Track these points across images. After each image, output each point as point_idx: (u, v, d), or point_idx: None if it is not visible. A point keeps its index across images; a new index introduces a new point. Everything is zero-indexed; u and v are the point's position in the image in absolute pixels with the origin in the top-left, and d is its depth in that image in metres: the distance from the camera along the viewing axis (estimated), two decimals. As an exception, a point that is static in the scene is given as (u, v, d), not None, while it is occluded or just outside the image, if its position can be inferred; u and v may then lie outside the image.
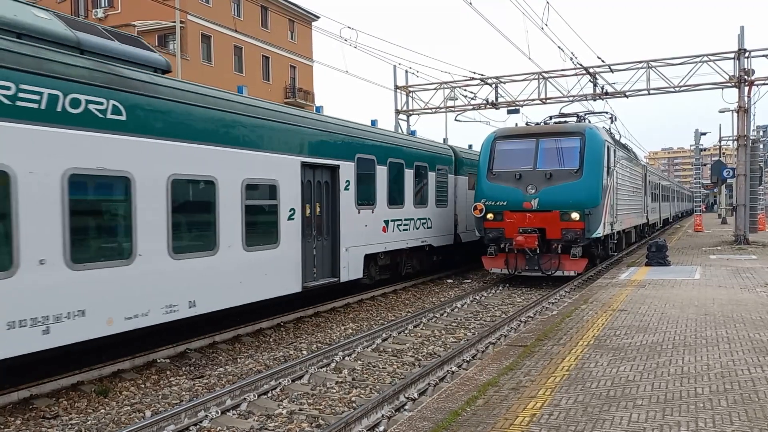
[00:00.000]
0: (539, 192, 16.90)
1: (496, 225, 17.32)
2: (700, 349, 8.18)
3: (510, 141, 18.10)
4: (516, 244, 16.74)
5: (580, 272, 17.13)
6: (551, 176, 16.95)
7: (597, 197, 16.78)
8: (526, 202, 17.00)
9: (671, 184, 54.28)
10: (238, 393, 8.04)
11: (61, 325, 7.76)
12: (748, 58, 23.68)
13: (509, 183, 17.34)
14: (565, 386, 6.70)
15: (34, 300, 7.47)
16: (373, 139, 15.65)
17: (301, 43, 50.66)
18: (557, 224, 16.65)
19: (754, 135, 28.75)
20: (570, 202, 16.59)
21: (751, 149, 25.17)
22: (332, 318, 13.54)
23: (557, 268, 16.86)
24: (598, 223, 16.71)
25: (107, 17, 39.97)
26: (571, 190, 16.68)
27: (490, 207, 17.39)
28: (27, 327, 7.39)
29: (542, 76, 25.95)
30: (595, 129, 17.81)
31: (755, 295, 12.48)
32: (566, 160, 17.14)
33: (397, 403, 7.64)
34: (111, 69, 8.64)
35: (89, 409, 7.85)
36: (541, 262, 16.96)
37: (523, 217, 16.98)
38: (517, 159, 17.64)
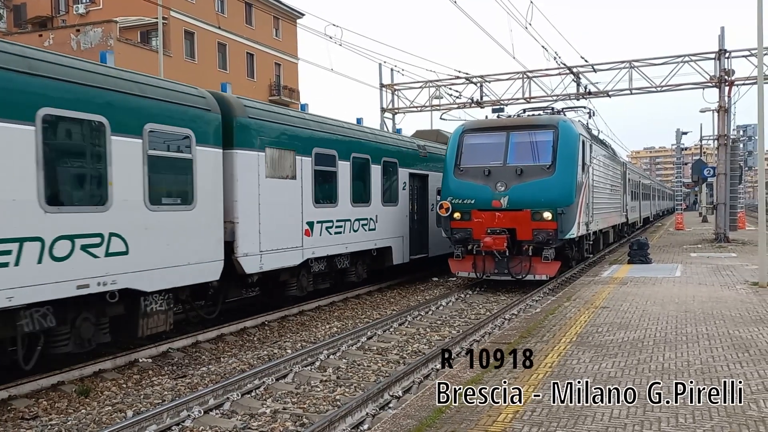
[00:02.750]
0: (509, 189, 15.69)
1: (463, 225, 16.14)
2: (681, 345, 8.27)
3: (479, 134, 16.89)
4: (484, 246, 15.50)
5: (552, 276, 15.93)
6: (522, 172, 15.72)
7: (570, 195, 15.66)
8: (495, 200, 15.79)
9: (652, 183, 53.79)
10: (222, 392, 8.00)
11: None
12: (728, 59, 23.97)
13: (477, 180, 16.09)
14: (548, 383, 6.74)
15: None
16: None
17: (286, 40, 50.47)
18: (528, 224, 15.51)
19: (734, 134, 29.11)
20: (541, 201, 15.43)
21: (731, 148, 25.48)
22: (317, 316, 13.52)
23: (528, 272, 15.70)
24: (572, 223, 15.67)
25: (89, 13, 39.58)
26: (542, 187, 15.51)
27: (457, 205, 16.17)
28: None
29: (527, 76, 26.09)
30: (569, 122, 16.70)
31: (735, 292, 12.64)
32: (538, 155, 16.02)
33: (381, 401, 7.64)
34: None
35: (70, 409, 7.77)
36: (511, 265, 15.79)
37: (492, 216, 15.81)
38: (486, 154, 16.44)
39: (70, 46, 33.03)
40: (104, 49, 29.29)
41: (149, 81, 9.80)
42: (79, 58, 9.22)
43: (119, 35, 34.56)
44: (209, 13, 40.29)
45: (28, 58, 7.89)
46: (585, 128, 19.12)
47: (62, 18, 41.07)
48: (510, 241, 15.50)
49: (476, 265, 16.10)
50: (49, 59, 8.24)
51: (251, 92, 39.91)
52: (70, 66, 8.48)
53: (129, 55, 32.10)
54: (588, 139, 18.13)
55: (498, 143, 16.33)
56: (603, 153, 21.67)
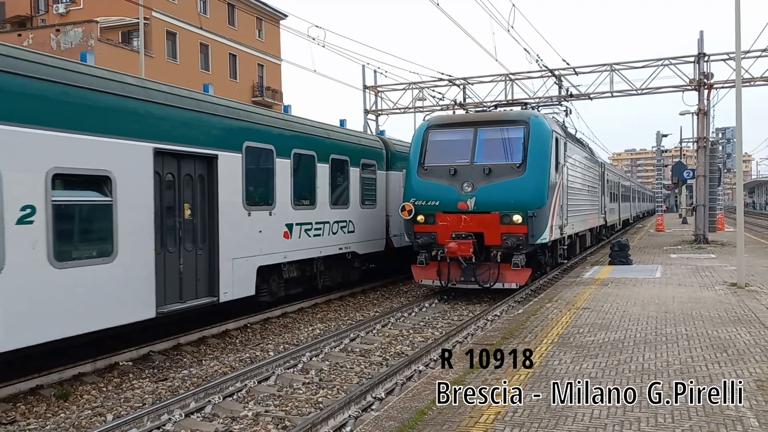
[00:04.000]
0: (476, 190, 14.48)
1: (427, 229, 14.87)
2: (660, 346, 8.36)
3: (445, 131, 15.71)
4: (448, 252, 14.29)
5: (522, 285, 14.84)
6: (490, 172, 14.52)
7: (542, 196, 14.51)
8: (461, 202, 14.55)
9: (632, 184, 52.99)
10: (203, 395, 7.95)
11: None
12: (707, 62, 24.27)
13: (443, 180, 14.88)
14: (530, 384, 6.78)
15: None
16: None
17: (269, 41, 50.30)
18: (497, 228, 14.30)
19: (714, 137, 29.47)
20: (511, 202, 14.23)
21: (710, 151, 25.80)
22: (300, 319, 13.48)
23: (496, 280, 14.53)
24: (544, 226, 14.54)
25: (69, 13, 39.16)
26: (512, 188, 14.33)
27: (421, 207, 14.93)
28: None
29: (509, 78, 26.24)
30: (541, 118, 15.57)
31: (714, 293, 12.80)
32: (507, 152, 14.88)
33: (364, 403, 7.64)
34: None
35: (48, 413, 7.68)
36: (479, 272, 14.61)
37: (458, 219, 14.60)
38: (452, 151, 15.26)
39: (49, 46, 32.64)
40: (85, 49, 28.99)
41: (358, 134, 18.10)
42: (268, 110, 14.92)
43: (100, 35, 34.22)
44: (191, 14, 40.04)
45: (235, 108, 12.07)
46: (560, 125, 18.24)
47: (42, 17, 40.59)
48: (477, 247, 14.42)
49: (441, 272, 14.89)
50: (248, 109, 12.92)
51: (234, 93, 39.72)
52: (258, 113, 13.11)
53: (110, 56, 31.79)
54: (562, 136, 17.16)
55: (465, 140, 15.21)
56: (579, 152, 20.74)
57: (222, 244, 11.21)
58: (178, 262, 10.41)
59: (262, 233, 12.47)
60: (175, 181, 10.42)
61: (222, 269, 11.21)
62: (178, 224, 10.44)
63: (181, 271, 10.49)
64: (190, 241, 10.72)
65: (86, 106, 8.68)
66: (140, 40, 26.11)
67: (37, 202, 7.86)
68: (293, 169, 13.55)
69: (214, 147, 11.16)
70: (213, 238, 11.13)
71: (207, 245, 11.07)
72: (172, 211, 10.30)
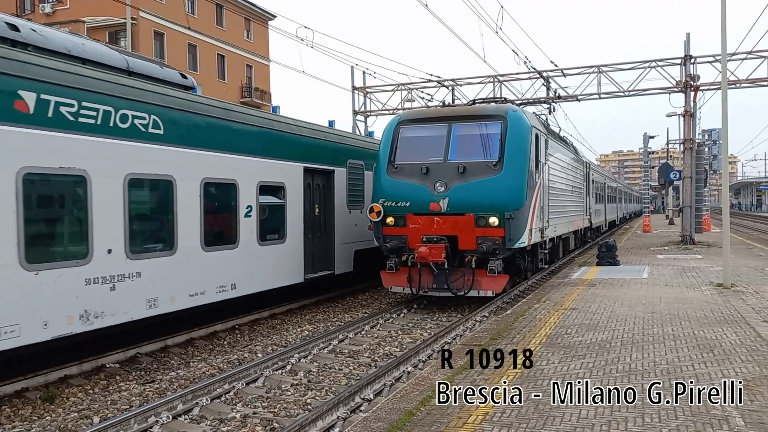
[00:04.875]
0: (450, 190, 13.47)
1: (397, 232, 13.86)
2: (647, 346, 8.41)
3: (417, 126, 14.65)
4: (418, 257, 13.23)
5: (499, 292, 13.76)
6: (465, 170, 13.49)
7: (521, 197, 13.48)
8: (433, 202, 13.52)
9: (619, 185, 52.00)
10: (191, 397, 7.91)
11: None
12: (693, 64, 24.49)
13: (414, 179, 13.85)
14: (518, 384, 6.79)
15: None
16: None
17: (258, 42, 50.18)
18: (471, 231, 13.34)
19: (700, 138, 29.69)
20: (486, 203, 13.24)
21: (696, 152, 26.01)
22: (288, 320, 13.45)
23: (471, 287, 13.50)
24: (523, 229, 13.52)
25: (55, 12, 38.88)
26: (488, 187, 13.32)
27: (390, 209, 13.90)
28: None
29: (497, 79, 26.34)
30: (521, 112, 14.45)
31: (700, 293, 12.90)
32: (483, 149, 13.84)
33: (352, 405, 7.62)
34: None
35: (34, 416, 7.61)
36: (452, 279, 13.57)
37: (430, 221, 13.58)
38: (424, 149, 14.25)
39: (35, 46, 32.34)
40: (71, 49, 28.71)
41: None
42: (360, 136, 19.16)
43: (87, 35, 33.98)
44: (179, 14, 39.88)
45: (343, 136, 16.81)
46: (541, 122, 17.30)
47: (27, 17, 40.25)
48: (451, 251, 13.44)
49: (411, 279, 13.83)
50: (350, 136, 17.79)
51: (222, 94, 39.60)
52: (354, 138, 17.85)
53: (97, 56, 31.53)
54: (543, 133, 16.07)
55: (438, 136, 14.18)
56: (562, 150, 19.75)
57: (336, 233, 15.67)
58: (312, 245, 14.72)
59: (357, 226, 16.52)
60: (311, 189, 14.73)
61: (336, 251, 15.67)
62: (312, 219, 14.82)
63: (314, 252, 14.78)
64: (319, 230, 15.14)
65: (281, 141, 13.45)
66: (127, 40, 25.99)
67: (253, 203, 12.39)
68: (369, 178, 16.55)
69: (332, 164, 15.56)
70: (330, 229, 15.58)
71: (326, 234, 15.45)
72: (309, 210, 14.66)
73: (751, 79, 23.79)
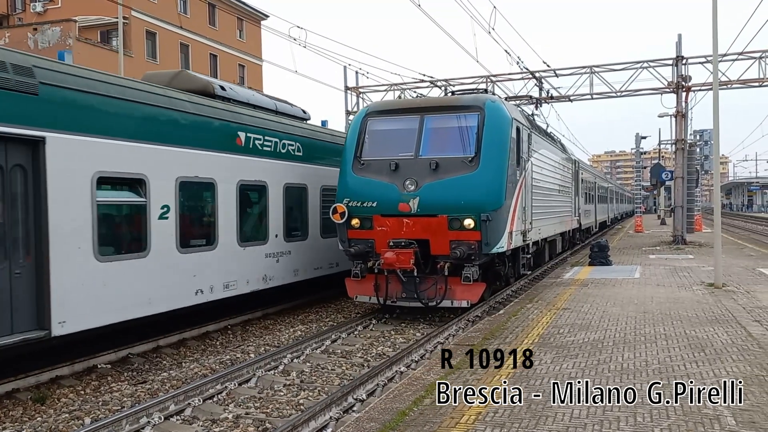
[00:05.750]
0: (420, 189, 12.18)
1: (363, 235, 12.58)
2: (639, 345, 8.44)
3: (386, 118, 13.33)
4: (384, 264, 11.97)
5: (474, 303, 12.48)
6: (438, 167, 12.19)
7: (499, 196, 12.23)
8: (402, 203, 12.22)
9: (611, 185, 50.91)
10: (183, 398, 7.87)
11: None
12: (685, 65, 24.60)
13: (382, 176, 12.55)
14: (510, 384, 6.80)
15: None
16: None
17: (250, 41, 50.08)
18: (444, 234, 12.06)
19: (691, 139, 29.86)
20: (461, 203, 11.95)
21: (688, 153, 26.14)
22: (281, 320, 13.42)
23: (443, 296, 12.25)
24: (501, 232, 12.31)
25: (47, 11, 38.67)
26: (463, 185, 12.05)
27: (355, 209, 12.61)
28: None
29: (490, 80, 26.38)
30: (500, 102, 13.22)
31: (691, 293, 12.96)
32: (458, 143, 12.63)
33: (345, 405, 7.61)
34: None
35: (25, 417, 7.56)
36: (423, 287, 12.35)
37: (399, 223, 12.29)
38: (394, 143, 12.99)
39: (27, 45, 32.19)
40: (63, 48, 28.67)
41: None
42: None
43: (78, 34, 33.83)
44: (171, 14, 39.74)
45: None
46: (524, 115, 16.13)
47: (19, 16, 40.05)
48: (422, 257, 12.22)
49: (379, 287, 12.55)
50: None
51: (215, 94, 39.41)
52: None
53: (89, 55, 31.44)
54: (526, 126, 14.78)
55: (409, 129, 12.89)
56: (548, 146, 18.44)
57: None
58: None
59: None
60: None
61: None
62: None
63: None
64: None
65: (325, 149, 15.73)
66: (119, 39, 25.87)
67: (317, 204, 15.09)
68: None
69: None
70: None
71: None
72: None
73: (742, 80, 23.93)
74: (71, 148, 8.59)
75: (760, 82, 23.61)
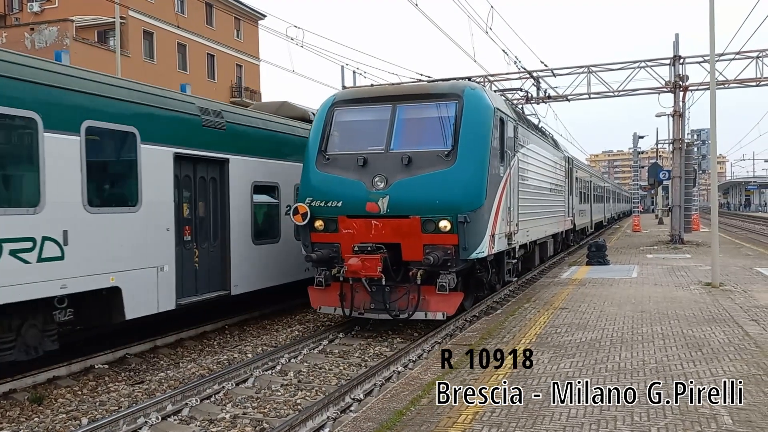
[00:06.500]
0: (391, 186, 10.88)
1: (327, 238, 11.29)
2: (636, 345, 8.45)
3: (355, 108, 12.00)
4: (348, 271, 10.70)
5: (451, 314, 11.13)
6: (410, 162, 10.91)
7: (478, 194, 10.97)
8: (370, 202, 10.94)
9: (608, 184, 49.51)
10: (180, 398, 7.87)
11: None
12: (682, 65, 24.64)
13: (349, 173, 11.24)
14: (508, 383, 6.81)
15: None
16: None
17: (248, 41, 50.07)
18: (417, 238, 10.76)
19: (689, 138, 29.88)
20: (436, 203, 10.67)
21: (685, 152, 26.18)
22: (278, 320, 13.41)
23: (416, 308, 10.91)
24: (482, 235, 11.02)
25: (44, 11, 38.61)
26: (438, 182, 10.76)
27: (318, 210, 11.25)
28: None
29: (488, 79, 26.36)
30: (481, 90, 11.79)
31: (689, 292, 12.97)
32: (433, 136, 11.34)
33: (342, 405, 7.61)
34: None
35: (22, 417, 7.55)
36: (393, 297, 11.03)
37: (367, 226, 11.00)
38: (363, 135, 11.77)
39: (24, 45, 32.16)
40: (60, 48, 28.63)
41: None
42: None
43: (75, 34, 33.80)
44: (169, 13, 39.72)
45: None
46: (510, 105, 14.81)
47: (16, 16, 40.00)
48: (393, 263, 10.93)
49: (344, 297, 11.26)
50: None
51: (212, 94, 39.46)
52: None
53: (86, 55, 31.42)
54: (512, 118, 13.46)
55: (379, 120, 11.59)
56: (538, 141, 16.98)
57: None
58: None
59: None
60: None
61: None
62: None
63: None
64: None
65: None
66: (116, 39, 25.87)
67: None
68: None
69: None
70: None
71: None
72: None
73: (739, 80, 23.97)
74: (241, 166, 12.18)
75: (758, 81, 23.65)
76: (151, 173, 9.94)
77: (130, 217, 9.58)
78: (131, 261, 9.51)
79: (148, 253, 9.86)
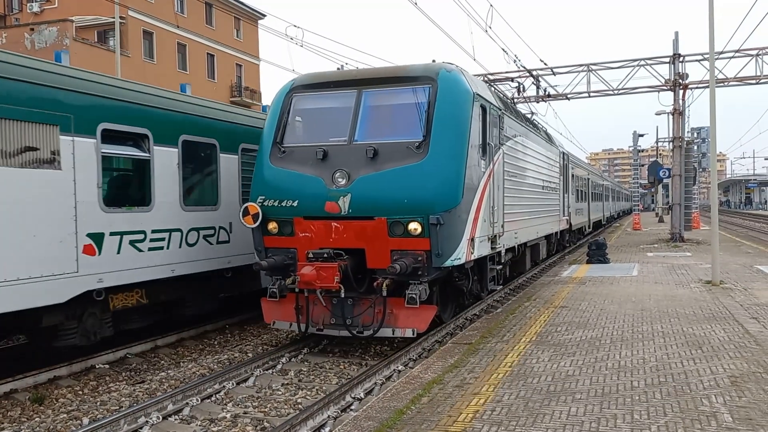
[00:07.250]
0: (353, 183, 9.45)
1: (282, 243, 9.90)
2: (637, 343, 8.46)
3: (315, 94, 10.52)
4: (301, 282, 9.29)
5: (422, 331, 9.70)
6: (376, 155, 9.46)
7: (454, 192, 9.46)
8: (330, 201, 9.50)
9: (607, 182, 48.04)
10: (181, 398, 7.88)
11: None
12: (682, 63, 24.67)
13: (306, 168, 9.79)
14: (508, 382, 6.82)
15: None
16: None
17: (247, 41, 50.08)
18: (384, 242, 9.37)
19: (689, 137, 29.90)
20: (404, 202, 9.24)
21: (685, 150, 26.20)
22: (279, 319, 13.41)
23: (381, 324, 9.50)
24: (458, 238, 9.55)
25: (43, 11, 38.63)
26: (407, 179, 9.30)
27: (272, 210, 9.84)
28: None
29: (487, 78, 26.34)
30: (457, 73, 10.20)
31: (689, 290, 12.98)
32: (402, 125, 9.90)
33: (343, 404, 7.62)
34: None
35: (23, 417, 7.56)
36: (356, 311, 9.66)
37: (327, 228, 9.59)
38: (323, 125, 10.38)
39: (23, 45, 32.18)
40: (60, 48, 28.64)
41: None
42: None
43: (75, 34, 33.81)
44: (168, 13, 39.73)
45: None
46: (495, 92, 13.45)
47: (15, 16, 40.01)
48: (356, 271, 9.55)
49: (301, 311, 9.86)
50: None
51: (212, 93, 39.48)
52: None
53: (85, 55, 31.44)
54: (496, 107, 11.88)
55: (343, 108, 10.15)
56: (528, 134, 15.41)
57: None
58: None
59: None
60: None
61: None
62: None
63: None
64: None
65: None
66: (116, 39, 25.89)
67: None
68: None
69: None
70: None
71: None
72: None
73: (738, 78, 23.98)
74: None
75: (757, 79, 23.66)
76: (227, 176, 12.04)
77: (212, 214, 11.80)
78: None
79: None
